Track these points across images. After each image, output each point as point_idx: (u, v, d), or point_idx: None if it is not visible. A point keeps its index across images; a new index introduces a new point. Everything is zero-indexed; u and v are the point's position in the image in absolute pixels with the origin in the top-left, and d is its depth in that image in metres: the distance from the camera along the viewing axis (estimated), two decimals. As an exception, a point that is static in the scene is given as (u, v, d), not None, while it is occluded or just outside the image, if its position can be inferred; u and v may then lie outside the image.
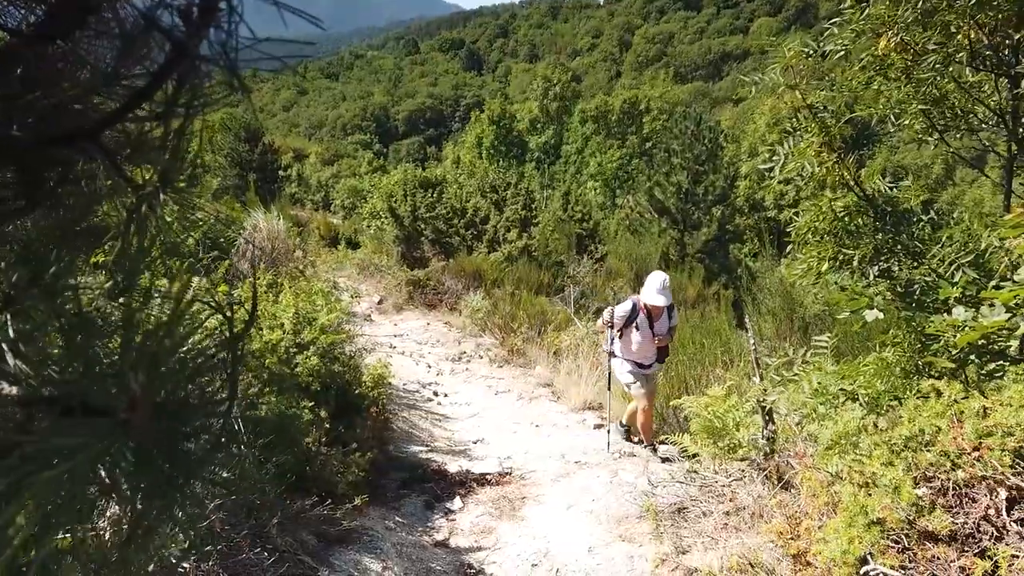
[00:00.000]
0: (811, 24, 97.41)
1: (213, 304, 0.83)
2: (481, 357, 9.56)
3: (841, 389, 4.02)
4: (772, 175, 3.90)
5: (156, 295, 0.81)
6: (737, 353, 7.09)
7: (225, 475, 0.86)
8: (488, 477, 5.61)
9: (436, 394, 7.86)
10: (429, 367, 8.80)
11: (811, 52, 3.87)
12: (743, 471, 4.60)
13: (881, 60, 4.25)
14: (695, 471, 4.86)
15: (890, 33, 4.01)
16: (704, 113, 30.76)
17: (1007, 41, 3.71)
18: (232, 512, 3.67)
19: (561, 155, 58.44)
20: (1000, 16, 3.57)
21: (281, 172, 30.22)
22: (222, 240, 7.63)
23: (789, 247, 4.89)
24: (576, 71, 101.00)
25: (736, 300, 11.83)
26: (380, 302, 12.29)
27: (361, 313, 10.80)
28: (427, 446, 6.32)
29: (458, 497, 5.30)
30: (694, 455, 4.92)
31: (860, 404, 3.86)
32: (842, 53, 4.25)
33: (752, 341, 5.01)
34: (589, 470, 5.76)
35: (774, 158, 3.88)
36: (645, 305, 5.97)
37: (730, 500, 4.45)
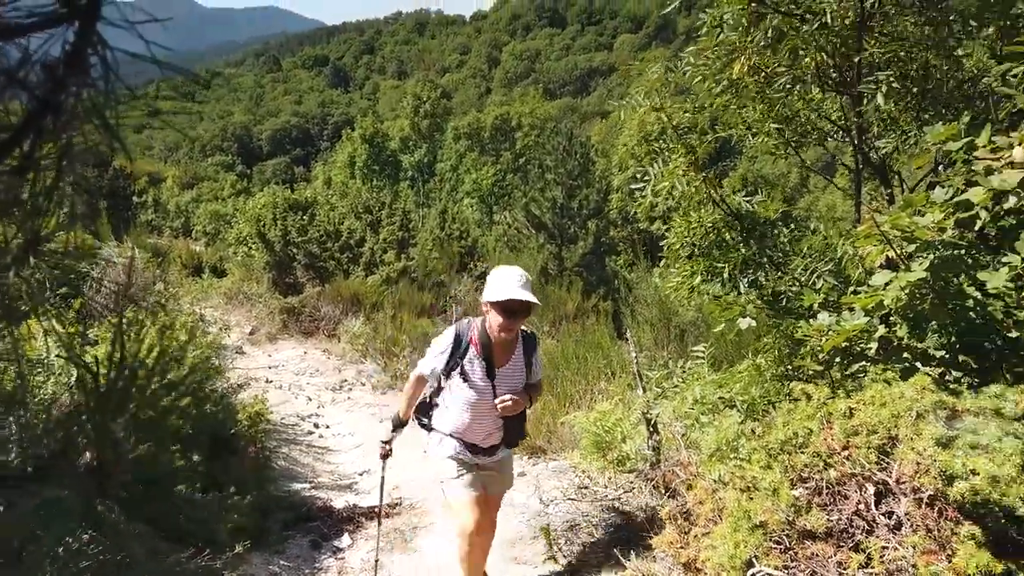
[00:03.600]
0: (670, 40, 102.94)
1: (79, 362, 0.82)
2: (363, 384, 9.31)
3: (719, 397, 4.19)
4: (644, 194, 4.03)
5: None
6: (619, 364, 7.26)
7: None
8: (376, 510, 5.44)
9: (317, 426, 7.57)
10: (309, 399, 8.46)
11: (672, 72, 4.03)
12: (632, 483, 4.69)
13: (736, 83, 4.49)
14: (586, 487, 4.91)
15: (743, 58, 4.23)
16: (575, 128, 31.72)
17: (848, 63, 4.01)
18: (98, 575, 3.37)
19: (436, 173, 58.43)
20: (841, 40, 3.86)
21: (135, 198, 28.54)
22: (72, 276, 7.06)
23: (664, 259, 5.07)
24: (446, 88, 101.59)
25: (615, 312, 12.17)
26: (252, 332, 11.76)
27: (232, 346, 10.27)
28: (310, 482, 6.06)
29: (346, 534, 5.11)
30: (584, 471, 4.98)
31: (738, 410, 4.03)
32: (700, 79, 4.45)
33: (634, 354, 5.13)
34: (481, 493, 5.71)
35: (645, 179, 4.01)
36: (479, 338, 3.55)
37: (621, 513, 4.52)
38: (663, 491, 4.35)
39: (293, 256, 14.75)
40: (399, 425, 3.93)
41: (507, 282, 3.41)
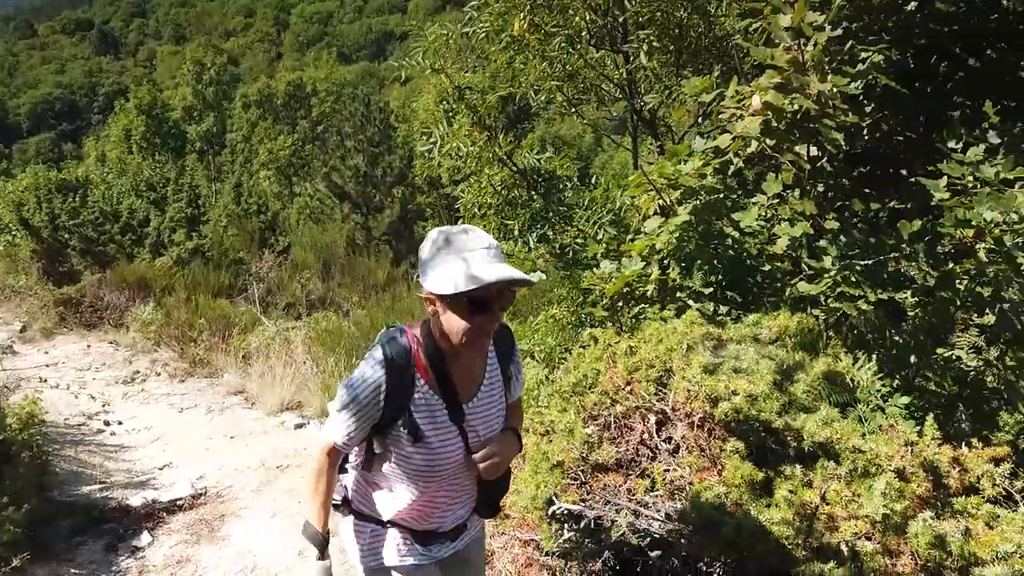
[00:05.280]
0: (464, 2, 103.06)
1: None
2: (159, 374, 8.63)
3: (520, 349, 4.33)
4: (432, 155, 4.03)
5: None
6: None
7: None
8: (179, 503, 5.11)
9: (108, 424, 6.92)
10: (92, 397, 7.71)
11: (451, 36, 4.03)
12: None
13: (518, 40, 4.58)
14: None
15: (522, 15, 4.32)
16: (373, 94, 31.04)
17: (616, 21, 4.22)
18: None
19: (227, 144, 54.69)
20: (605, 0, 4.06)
21: None
22: None
23: (460, 220, 5.12)
24: (232, 53, 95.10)
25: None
26: (23, 330, 10.47)
27: (-1, 345, 9.11)
28: (102, 483, 5.55)
29: (146, 531, 4.76)
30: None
31: (537, 360, 4.20)
32: (483, 36, 4.49)
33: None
34: (293, 472, 5.53)
35: (431, 140, 4.01)
36: (428, 358, 1.92)
37: (435, 473, 4.58)
38: (473, 446, 4.45)
39: (65, 242, 13.29)
40: (323, 544, 1.96)
41: (468, 253, 1.79)
